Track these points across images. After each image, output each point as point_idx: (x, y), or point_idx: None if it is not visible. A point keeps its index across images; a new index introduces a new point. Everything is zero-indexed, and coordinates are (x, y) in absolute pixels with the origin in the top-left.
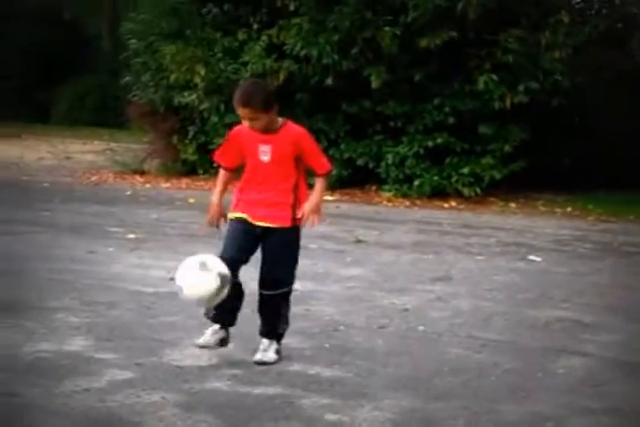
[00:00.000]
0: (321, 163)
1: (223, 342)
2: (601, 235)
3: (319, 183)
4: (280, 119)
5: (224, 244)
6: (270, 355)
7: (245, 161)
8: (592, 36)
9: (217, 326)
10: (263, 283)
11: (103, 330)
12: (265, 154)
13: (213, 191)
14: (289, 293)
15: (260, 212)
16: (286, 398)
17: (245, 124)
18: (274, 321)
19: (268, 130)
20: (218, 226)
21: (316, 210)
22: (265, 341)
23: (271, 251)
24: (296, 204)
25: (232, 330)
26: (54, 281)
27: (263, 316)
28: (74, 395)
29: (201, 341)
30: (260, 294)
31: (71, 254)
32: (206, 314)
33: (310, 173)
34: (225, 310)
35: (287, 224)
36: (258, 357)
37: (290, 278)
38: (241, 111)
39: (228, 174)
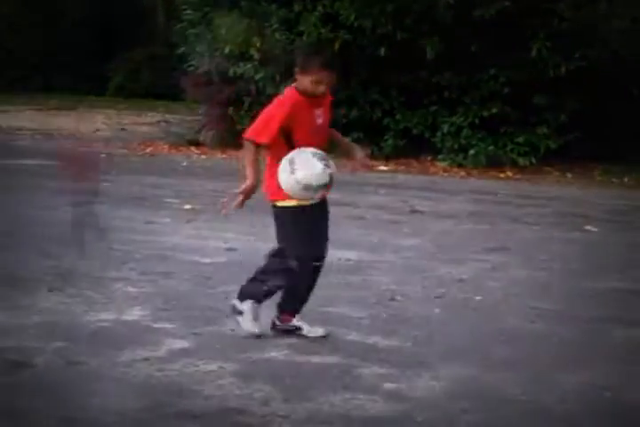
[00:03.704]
0: None
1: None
2: None
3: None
4: None
5: (306, 237)
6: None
7: (295, 130)
8: None
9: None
10: (322, 255)
11: (161, 300)
12: (319, 117)
13: (249, 172)
14: None
15: None
16: (344, 367)
17: (319, 88)
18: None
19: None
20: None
21: None
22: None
23: (325, 221)
24: None
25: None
26: (113, 251)
27: (309, 292)
28: (134, 364)
29: (306, 330)
30: (316, 268)
31: (130, 225)
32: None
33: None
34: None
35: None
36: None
37: None
38: (327, 75)
39: (258, 153)
